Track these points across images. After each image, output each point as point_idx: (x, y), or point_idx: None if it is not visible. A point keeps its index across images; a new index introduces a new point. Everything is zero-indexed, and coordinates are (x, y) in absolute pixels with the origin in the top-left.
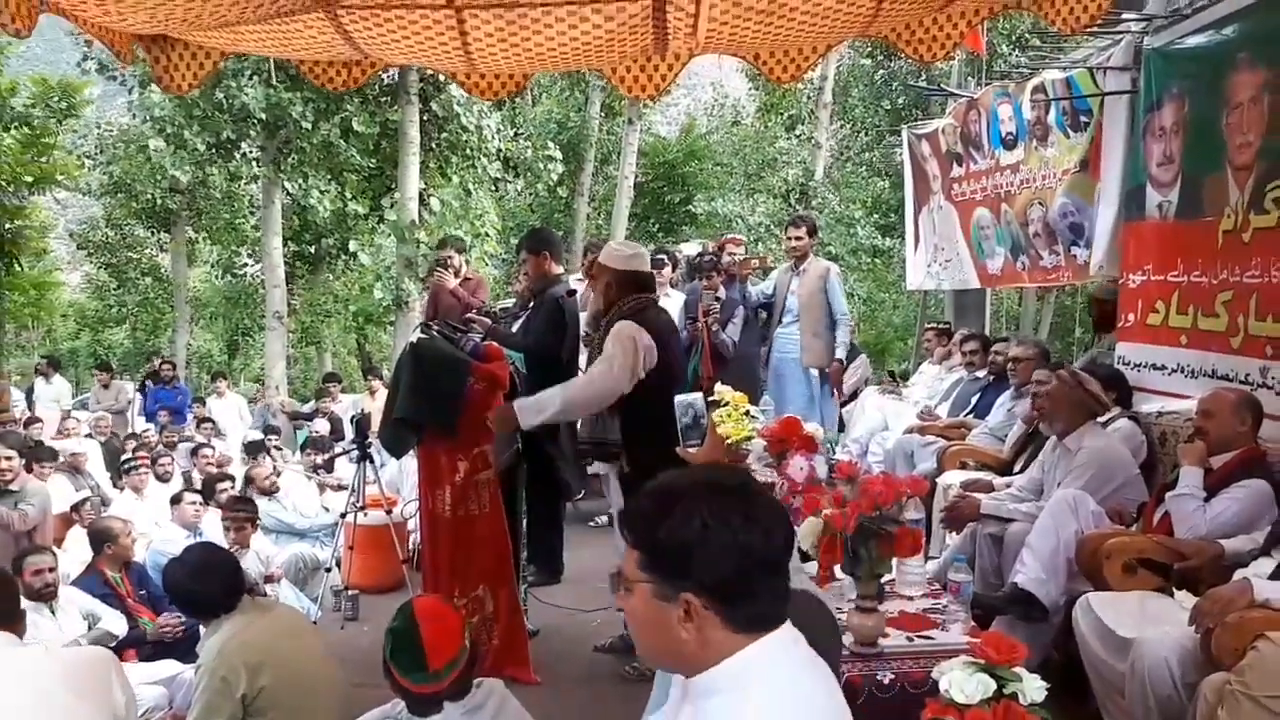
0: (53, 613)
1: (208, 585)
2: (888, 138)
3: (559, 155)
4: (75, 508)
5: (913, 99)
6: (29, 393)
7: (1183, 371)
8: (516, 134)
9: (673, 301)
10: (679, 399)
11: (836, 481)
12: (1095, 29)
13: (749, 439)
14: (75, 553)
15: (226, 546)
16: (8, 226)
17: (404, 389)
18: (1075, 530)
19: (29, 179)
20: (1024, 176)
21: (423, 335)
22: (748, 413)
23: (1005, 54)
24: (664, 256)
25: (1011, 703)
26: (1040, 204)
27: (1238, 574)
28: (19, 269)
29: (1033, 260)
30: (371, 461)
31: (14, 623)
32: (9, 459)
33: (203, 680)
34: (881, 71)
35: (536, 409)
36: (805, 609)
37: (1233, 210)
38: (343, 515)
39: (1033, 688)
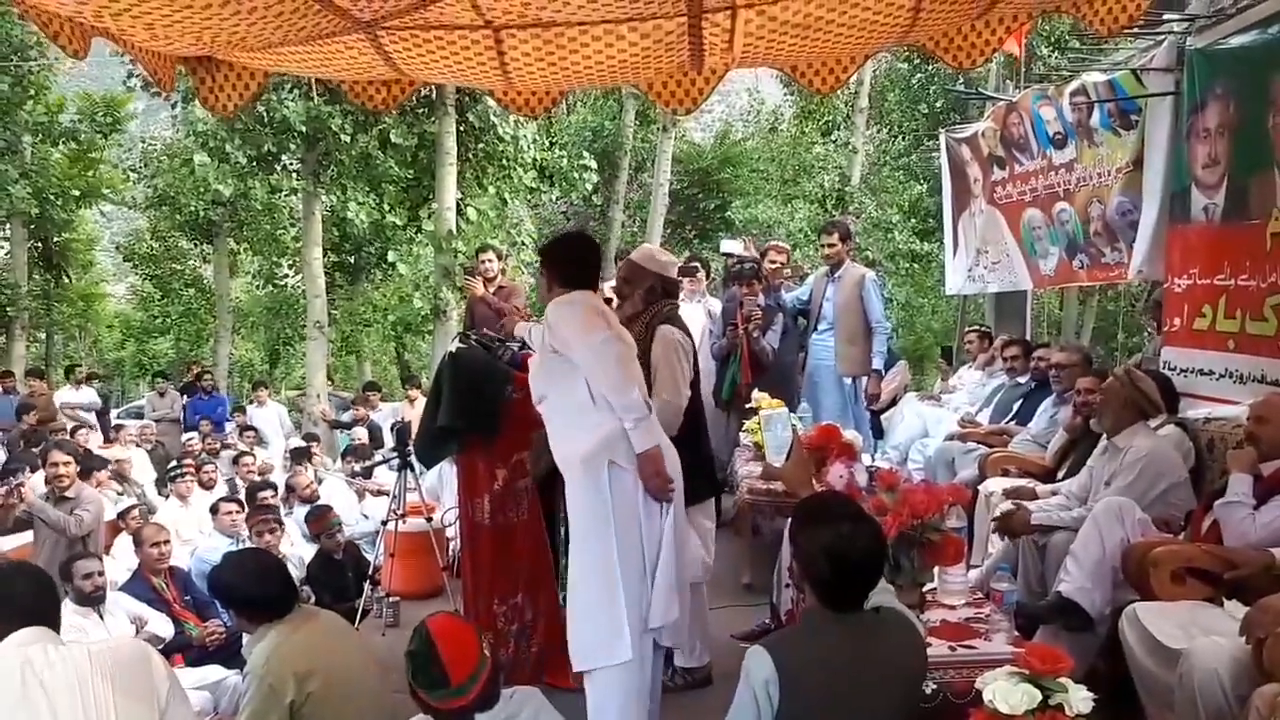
0: (101, 617)
1: (267, 588)
2: (925, 142)
3: (594, 164)
4: (121, 515)
5: (950, 102)
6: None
7: (1231, 376)
8: (552, 144)
9: (703, 308)
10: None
11: (877, 489)
12: (1137, 30)
13: None
14: (122, 559)
15: None
16: (56, 240)
17: (445, 399)
18: (1121, 538)
19: (76, 193)
20: (1080, 175)
21: (461, 345)
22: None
23: (1044, 56)
24: (697, 264)
25: (1057, 714)
26: (1099, 201)
27: None
28: (67, 281)
29: (1093, 259)
30: (412, 469)
31: (54, 624)
32: (66, 464)
33: (251, 687)
34: (918, 75)
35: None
36: (895, 625)
37: None
38: (384, 523)
39: (1079, 699)
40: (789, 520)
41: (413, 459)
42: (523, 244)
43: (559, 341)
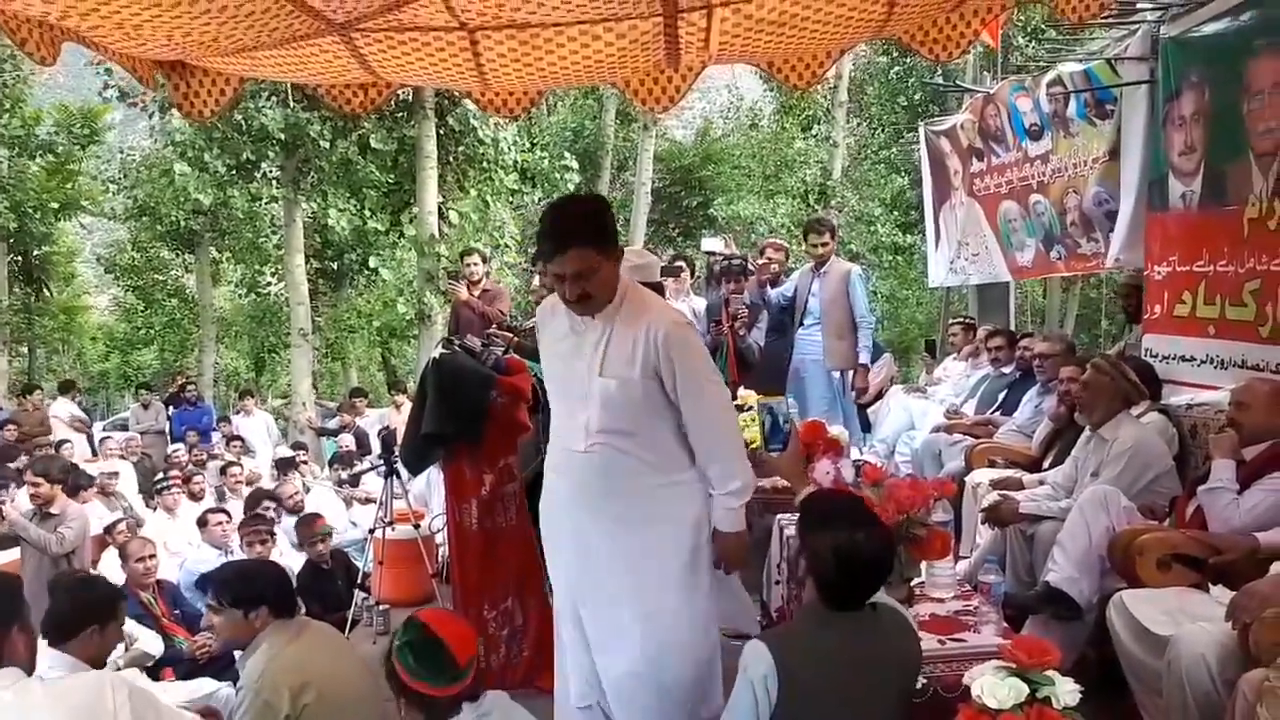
0: None
1: (280, 586)
2: (905, 135)
3: (575, 165)
4: (109, 529)
5: (929, 95)
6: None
7: (1212, 362)
8: (533, 145)
9: (687, 307)
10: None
11: (863, 485)
12: (1111, 20)
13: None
14: (110, 575)
15: None
16: (36, 253)
17: (430, 405)
18: (1107, 527)
19: (55, 205)
20: (1055, 166)
21: (445, 351)
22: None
23: (1021, 47)
24: (681, 263)
25: (1044, 708)
26: (1075, 192)
27: (1274, 567)
28: (48, 294)
29: (1070, 249)
30: (399, 476)
31: None
32: (38, 486)
33: (245, 701)
34: (897, 68)
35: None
36: (892, 622)
37: (1257, 198)
38: (371, 531)
39: (1065, 691)
40: (777, 517)
41: (399, 466)
42: (506, 246)
43: (683, 373)
